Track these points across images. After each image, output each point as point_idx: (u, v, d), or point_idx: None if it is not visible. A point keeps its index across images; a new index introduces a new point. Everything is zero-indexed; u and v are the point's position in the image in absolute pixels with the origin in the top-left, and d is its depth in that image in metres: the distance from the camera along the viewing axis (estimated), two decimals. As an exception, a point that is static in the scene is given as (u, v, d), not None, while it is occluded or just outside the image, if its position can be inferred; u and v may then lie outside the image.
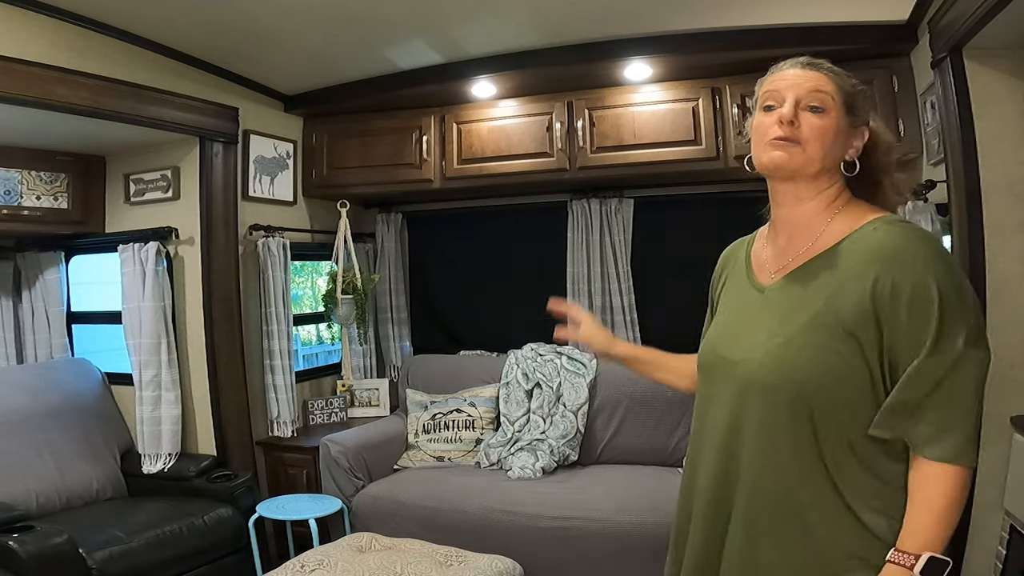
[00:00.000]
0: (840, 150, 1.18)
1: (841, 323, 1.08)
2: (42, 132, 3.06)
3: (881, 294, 1.06)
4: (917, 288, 1.04)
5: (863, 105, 1.21)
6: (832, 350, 1.08)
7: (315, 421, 3.75)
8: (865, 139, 1.20)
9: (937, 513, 1.05)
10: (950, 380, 1.03)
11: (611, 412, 3.36)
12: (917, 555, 1.04)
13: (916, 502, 1.06)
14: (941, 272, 1.05)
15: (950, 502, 1.05)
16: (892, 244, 1.08)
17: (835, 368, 1.08)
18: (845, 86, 1.19)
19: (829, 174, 1.18)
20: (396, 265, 4.12)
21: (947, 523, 1.05)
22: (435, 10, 2.79)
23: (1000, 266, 2.23)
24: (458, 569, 2.38)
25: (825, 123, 1.16)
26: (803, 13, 2.66)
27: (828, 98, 1.16)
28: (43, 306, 3.60)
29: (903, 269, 1.05)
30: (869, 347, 1.07)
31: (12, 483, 2.80)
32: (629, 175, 3.35)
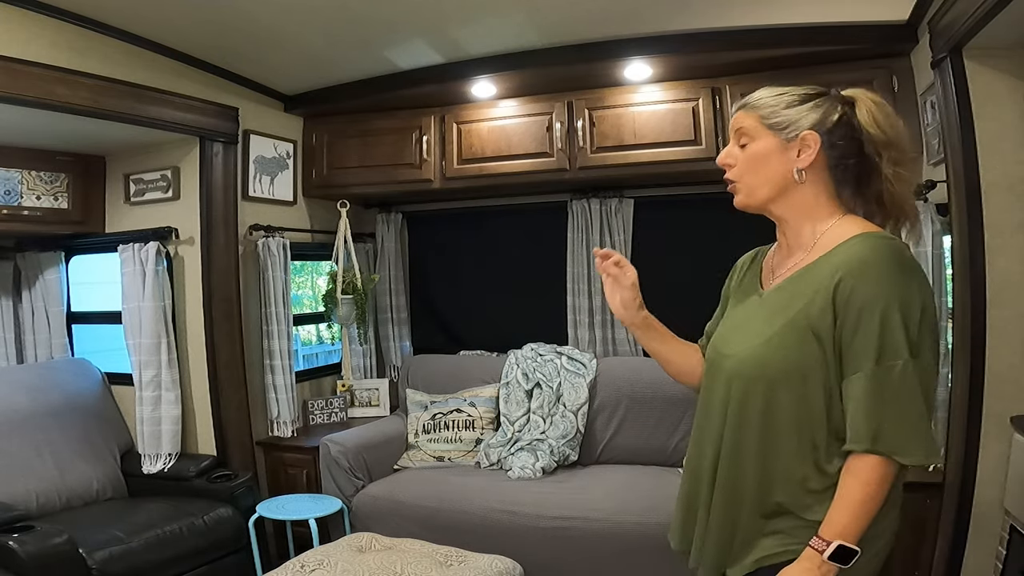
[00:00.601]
0: (779, 166, 1.27)
1: (810, 326, 1.19)
2: (42, 132, 3.06)
3: (839, 298, 1.17)
4: (867, 302, 1.14)
5: (794, 116, 1.27)
6: (800, 350, 1.20)
7: (315, 421, 3.75)
8: (813, 147, 1.25)
9: (852, 503, 1.15)
10: (892, 386, 1.13)
11: (611, 412, 3.36)
12: (829, 543, 1.14)
13: (839, 493, 1.17)
14: (893, 291, 1.13)
15: (868, 492, 1.14)
16: (858, 256, 1.17)
17: (801, 365, 1.20)
18: (763, 111, 1.28)
19: (792, 192, 1.28)
20: (396, 265, 4.12)
21: (861, 513, 1.14)
22: (435, 10, 2.79)
23: (1000, 266, 2.23)
24: (458, 569, 2.38)
25: (748, 153, 1.30)
26: (803, 13, 2.66)
27: (748, 131, 1.30)
28: (43, 306, 3.60)
29: (861, 281, 1.15)
30: (828, 346, 1.18)
31: (12, 483, 2.80)
32: (629, 175, 3.35)
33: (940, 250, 2.43)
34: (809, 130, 1.25)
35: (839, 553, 1.14)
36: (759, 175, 1.29)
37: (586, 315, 3.64)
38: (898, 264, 1.15)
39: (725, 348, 1.35)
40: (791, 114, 1.27)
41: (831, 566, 1.14)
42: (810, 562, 1.16)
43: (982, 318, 2.24)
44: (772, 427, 1.23)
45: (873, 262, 1.16)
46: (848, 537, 1.14)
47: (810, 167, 1.26)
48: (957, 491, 2.30)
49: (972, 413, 2.26)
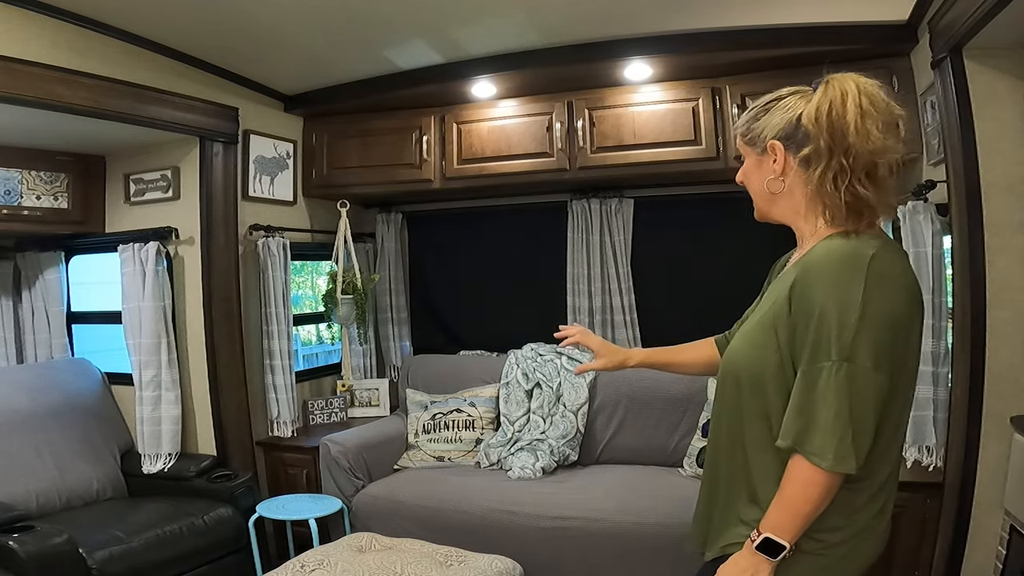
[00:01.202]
0: (761, 179, 1.32)
1: (772, 324, 1.23)
2: (42, 132, 3.06)
3: (792, 298, 1.20)
4: (809, 302, 1.16)
5: (759, 128, 1.30)
6: (764, 346, 1.24)
7: (315, 421, 3.75)
8: (778, 154, 1.27)
9: (783, 499, 1.18)
10: (818, 388, 1.14)
11: (611, 412, 3.36)
12: (760, 534, 1.19)
13: (779, 489, 1.19)
14: (833, 292, 1.14)
15: (794, 490, 1.16)
16: (812, 257, 1.20)
17: (762, 361, 1.23)
18: (741, 128, 1.34)
19: (781, 200, 1.31)
20: (396, 265, 4.12)
21: (791, 510, 1.16)
22: (435, 10, 2.79)
23: (1000, 266, 2.23)
24: (458, 569, 2.38)
25: (742, 169, 1.37)
26: (803, 13, 2.66)
27: (740, 151, 1.37)
28: (43, 306, 3.60)
29: (808, 281, 1.17)
30: (784, 343, 1.21)
31: (12, 483, 2.80)
32: (629, 175, 3.35)
33: (940, 250, 2.42)
34: (772, 139, 1.28)
35: (766, 544, 1.17)
36: (753, 191, 1.36)
37: (586, 315, 3.64)
38: (847, 265, 1.15)
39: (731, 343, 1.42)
40: (757, 127, 1.31)
41: (760, 557, 1.18)
42: (742, 553, 1.21)
43: (982, 318, 2.24)
44: (739, 420, 1.27)
45: (821, 263, 1.17)
46: (779, 532, 1.17)
47: (786, 173, 1.27)
48: (957, 491, 2.31)
49: (972, 413, 2.26)
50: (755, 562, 1.19)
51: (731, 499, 1.30)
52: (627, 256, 3.59)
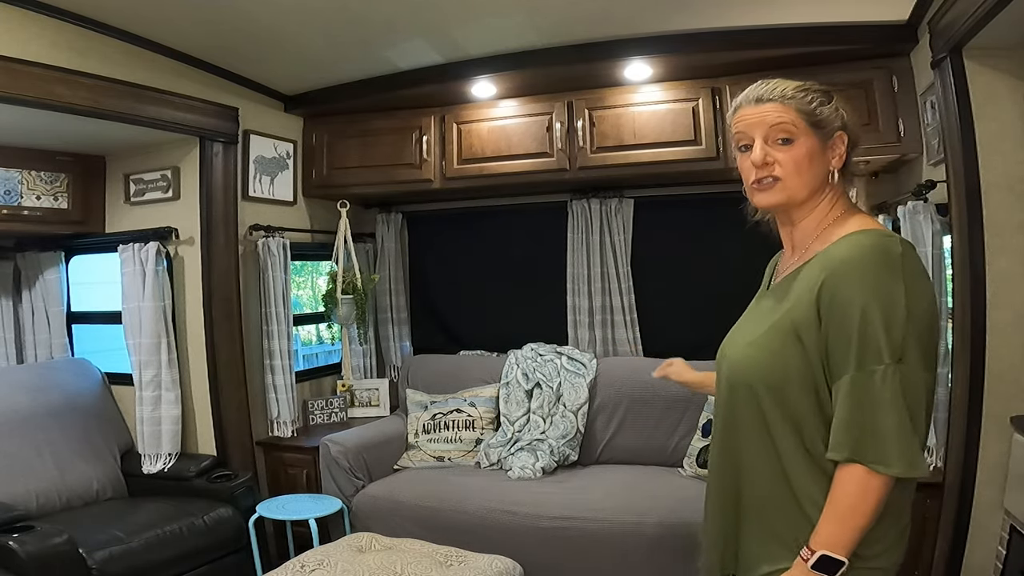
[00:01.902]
0: (821, 168, 1.24)
1: (794, 329, 1.17)
2: (42, 132, 3.06)
3: (822, 300, 1.14)
4: (848, 303, 1.11)
5: (828, 114, 1.23)
6: (783, 353, 1.17)
7: (315, 421, 3.75)
8: (845, 142, 1.25)
9: (838, 512, 1.11)
10: (872, 393, 1.09)
11: (611, 412, 3.36)
12: (814, 552, 1.12)
13: (827, 502, 1.13)
14: (875, 291, 1.09)
15: (851, 502, 1.10)
16: (842, 255, 1.14)
17: (784, 369, 1.17)
18: (803, 107, 1.22)
19: (819, 192, 1.25)
20: (396, 265, 4.12)
21: (848, 524, 1.10)
22: (435, 10, 2.79)
23: (1000, 266, 2.23)
24: (458, 569, 2.38)
25: (796, 152, 1.22)
26: (803, 13, 2.66)
27: (791, 127, 1.22)
28: (43, 306, 3.60)
29: (842, 281, 1.12)
30: (812, 349, 1.15)
31: (12, 483, 2.80)
32: (629, 175, 3.35)
33: (940, 250, 2.43)
34: (840, 130, 1.24)
35: (823, 562, 1.10)
36: (803, 176, 1.23)
37: (586, 315, 3.64)
38: (883, 263, 1.11)
39: (726, 348, 1.35)
40: (826, 112, 1.24)
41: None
42: (796, 571, 1.14)
43: (982, 318, 2.24)
44: (764, 433, 1.20)
45: (856, 261, 1.12)
46: (834, 547, 1.10)
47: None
48: (957, 491, 2.31)
49: (972, 413, 2.26)
50: None
51: (765, 517, 1.22)
52: (627, 256, 3.59)
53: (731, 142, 1.32)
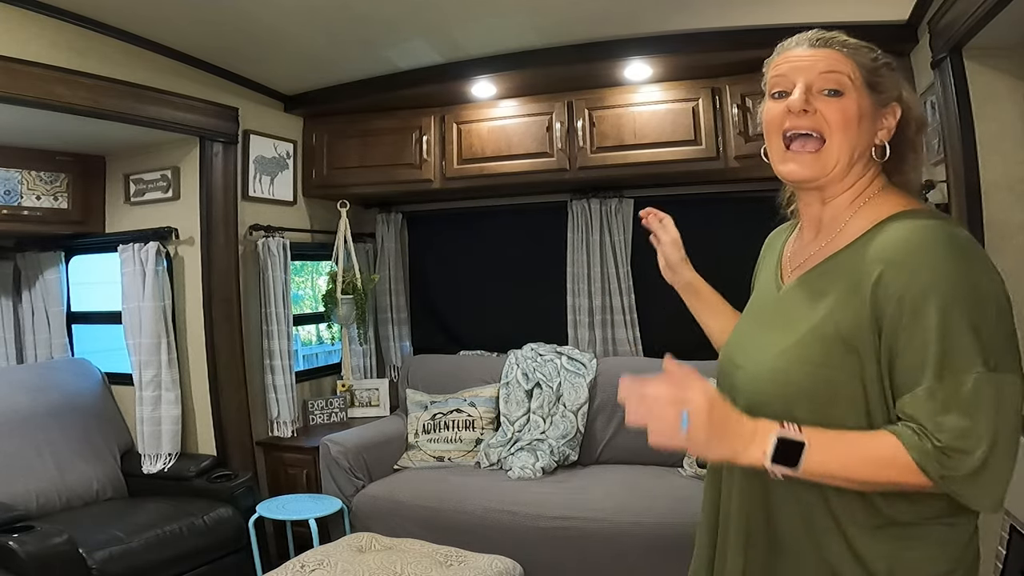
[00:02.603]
0: (867, 136, 1.03)
1: (840, 336, 0.95)
2: (42, 132, 3.06)
3: (881, 297, 0.92)
4: (920, 299, 0.89)
5: (890, 80, 1.05)
6: (827, 365, 0.96)
7: (315, 421, 3.75)
8: (898, 116, 1.05)
9: (854, 450, 0.90)
10: (959, 407, 0.87)
11: (611, 412, 3.36)
12: (798, 435, 0.90)
13: (856, 434, 0.93)
14: (948, 282, 0.89)
15: (876, 467, 0.90)
16: (898, 244, 0.94)
17: (829, 384, 0.96)
18: (865, 61, 1.03)
19: (858, 165, 1.05)
20: (396, 265, 4.12)
21: (848, 465, 0.90)
22: (435, 10, 2.79)
23: (1000, 266, 2.20)
24: (458, 569, 2.38)
25: (845, 107, 1.01)
26: (803, 13, 2.66)
27: (845, 79, 1.02)
28: (43, 306, 3.60)
29: (908, 272, 0.91)
30: (868, 360, 0.94)
31: (12, 483, 2.80)
32: (629, 175, 3.35)
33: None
34: (896, 101, 1.05)
35: (784, 446, 0.90)
36: (850, 138, 1.02)
37: (586, 315, 3.64)
38: (956, 248, 0.91)
39: (737, 356, 1.13)
40: (888, 77, 1.05)
41: (761, 448, 0.91)
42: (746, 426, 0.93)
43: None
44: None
45: (921, 246, 0.92)
46: (813, 452, 0.89)
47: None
48: (957, 491, 2.30)
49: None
50: (752, 446, 0.91)
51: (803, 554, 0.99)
52: (627, 256, 3.59)
53: (764, 88, 1.14)
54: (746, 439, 0.92)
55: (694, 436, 0.90)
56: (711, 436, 0.90)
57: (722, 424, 0.91)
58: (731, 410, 0.93)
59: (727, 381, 1.13)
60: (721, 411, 0.92)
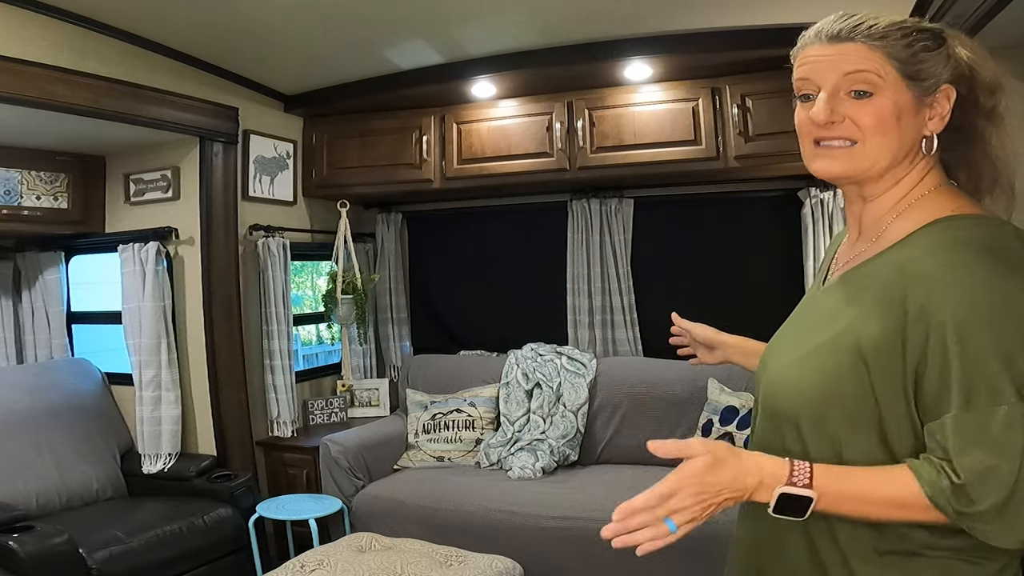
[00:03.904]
0: (911, 132, 0.93)
1: (858, 348, 0.88)
2: (42, 132, 3.06)
3: (909, 311, 0.84)
4: (946, 317, 0.82)
5: (933, 62, 0.92)
6: (839, 377, 0.89)
7: (315, 421, 3.75)
8: (951, 101, 0.93)
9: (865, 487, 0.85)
10: (988, 439, 0.80)
11: (611, 412, 3.36)
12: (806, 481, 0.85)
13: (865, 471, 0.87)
14: (986, 300, 0.81)
15: (891, 508, 0.85)
16: (933, 250, 0.86)
17: (840, 395, 0.89)
18: (895, 51, 0.91)
19: (904, 164, 0.95)
20: (396, 265, 4.12)
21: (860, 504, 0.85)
22: (435, 10, 2.79)
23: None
24: (458, 569, 2.38)
25: (878, 109, 0.91)
26: (803, 13, 2.64)
27: (874, 76, 0.91)
28: (43, 306, 3.60)
29: (935, 294, 0.83)
30: (886, 378, 0.87)
31: (12, 483, 2.80)
32: (629, 175, 3.35)
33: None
34: (947, 84, 0.92)
35: (787, 498, 0.85)
36: (888, 140, 0.91)
37: (586, 315, 3.64)
38: (994, 261, 0.83)
39: (767, 356, 1.07)
40: (930, 60, 0.91)
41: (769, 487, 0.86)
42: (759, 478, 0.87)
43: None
44: None
45: (955, 260, 0.84)
46: (821, 503, 0.84)
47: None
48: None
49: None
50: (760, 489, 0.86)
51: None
52: (627, 256, 3.59)
53: (794, 88, 1.01)
54: (751, 479, 0.87)
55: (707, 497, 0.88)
56: (718, 495, 0.87)
57: (717, 474, 0.87)
58: (729, 462, 0.88)
59: (757, 384, 1.08)
60: (713, 464, 0.87)
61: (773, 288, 3.20)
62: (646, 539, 0.92)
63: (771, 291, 3.16)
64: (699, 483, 0.86)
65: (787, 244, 3.19)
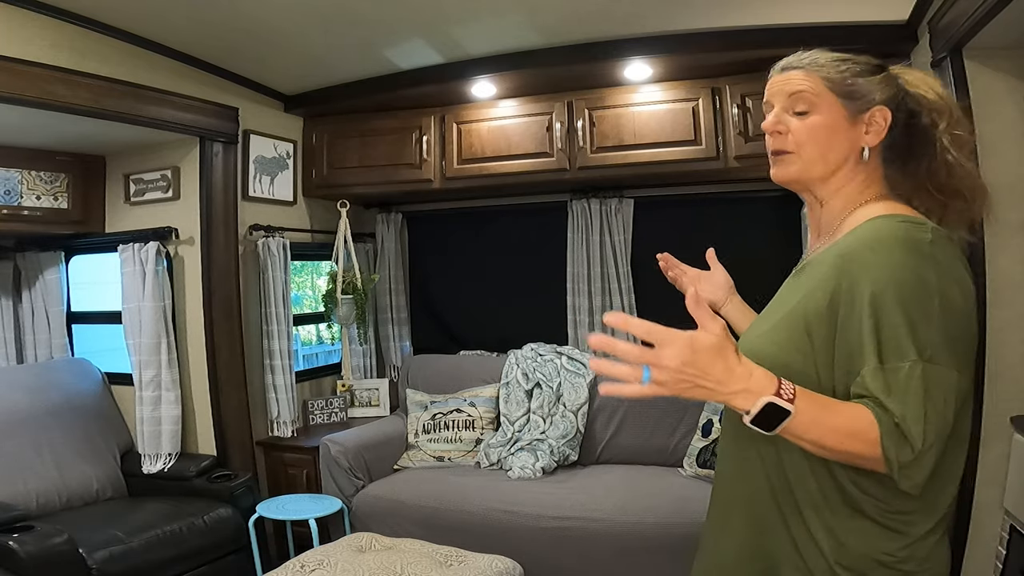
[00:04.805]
0: (846, 142, 1.11)
1: (805, 322, 1.04)
2: (42, 132, 3.06)
3: (839, 289, 1.01)
4: (859, 293, 0.98)
5: (866, 86, 1.11)
6: (787, 348, 1.05)
7: (315, 421, 3.75)
8: (887, 120, 1.10)
9: (831, 416, 0.94)
10: (893, 392, 0.93)
11: (611, 412, 3.36)
12: (790, 397, 0.93)
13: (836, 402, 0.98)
14: (893, 274, 0.96)
15: (839, 436, 0.94)
16: (863, 239, 1.02)
17: (788, 367, 1.01)
18: (831, 74, 1.11)
19: (845, 171, 1.13)
20: (396, 265, 4.12)
21: (823, 428, 0.94)
22: (435, 10, 2.79)
23: (1000, 266, 2.23)
24: (458, 569, 2.38)
25: (812, 123, 1.11)
26: (803, 13, 2.66)
27: (810, 96, 1.11)
28: (43, 306, 3.60)
29: (858, 267, 0.99)
30: (820, 347, 1.02)
31: (12, 483, 2.80)
32: (629, 175, 3.35)
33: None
34: (881, 105, 1.10)
35: (769, 410, 0.92)
36: (819, 148, 1.12)
37: (586, 315, 3.64)
38: (908, 247, 0.98)
39: (744, 334, 1.23)
40: (863, 84, 1.11)
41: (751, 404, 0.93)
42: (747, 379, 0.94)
43: (982, 318, 2.24)
44: (771, 444, 1.05)
45: (875, 242, 1.00)
46: (794, 424, 0.92)
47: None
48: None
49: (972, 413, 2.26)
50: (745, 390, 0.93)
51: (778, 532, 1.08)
52: (627, 256, 3.59)
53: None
54: (737, 384, 0.93)
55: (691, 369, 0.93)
56: (696, 379, 0.93)
57: (712, 361, 0.93)
58: (728, 358, 0.94)
59: None
60: (716, 351, 0.93)
61: (773, 288, 3.20)
62: (622, 377, 1.03)
63: (771, 291, 3.16)
64: (691, 356, 0.92)
65: (787, 244, 3.20)
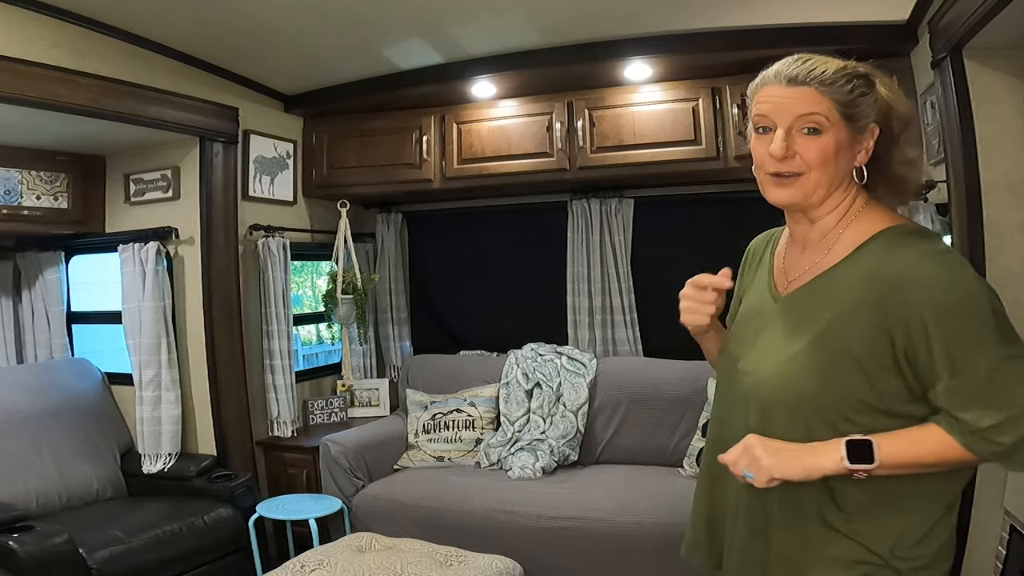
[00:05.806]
0: (846, 164, 1.11)
1: (848, 351, 1.04)
2: (42, 132, 3.06)
3: (890, 320, 1.02)
4: (921, 315, 1.00)
5: (865, 106, 1.10)
6: (834, 375, 1.05)
7: (315, 421, 3.75)
8: (875, 136, 1.12)
9: (910, 438, 1.03)
10: (979, 399, 0.99)
11: (611, 412, 3.36)
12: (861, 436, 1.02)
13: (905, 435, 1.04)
14: (944, 291, 1.00)
15: (936, 446, 1.02)
16: (888, 264, 1.05)
17: (836, 392, 1.05)
18: (840, 96, 1.08)
19: (842, 190, 1.13)
20: (396, 265, 4.12)
21: (913, 449, 1.02)
22: (435, 10, 2.79)
23: (1000, 266, 2.23)
24: (458, 569, 2.38)
25: (824, 144, 1.08)
26: (803, 13, 2.66)
27: (822, 119, 1.08)
28: (43, 306, 3.60)
29: (906, 291, 1.02)
30: (881, 373, 1.04)
31: (12, 483, 2.80)
32: (629, 175, 3.35)
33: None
34: (873, 123, 1.11)
35: (854, 447, 1.01)
36: (829, 172, 1.10)
37: (586, 315, 3.64)
38: (943, 260, 1.03)
39: (742, 362, 1.20)
40: (864, 103, 1.10)
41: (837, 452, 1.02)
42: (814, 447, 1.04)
43: (982, 318, 2.24)
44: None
45: (915, 265, 1.02)
46: (882, 447, 1.00)
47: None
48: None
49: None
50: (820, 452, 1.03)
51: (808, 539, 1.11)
52: (627, 256, 3.59)
53: (749, 113, 1.19)
54: (809, 453, 1.04)
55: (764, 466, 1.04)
56: (777, 462, 1.04)
57: (777, 450, 1.05)
58: (777, 440, 1.07)
59: (734, 388, 1.20)
60: (770, 443, 1.06)
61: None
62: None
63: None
64: (761, 440, 1.07)
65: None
